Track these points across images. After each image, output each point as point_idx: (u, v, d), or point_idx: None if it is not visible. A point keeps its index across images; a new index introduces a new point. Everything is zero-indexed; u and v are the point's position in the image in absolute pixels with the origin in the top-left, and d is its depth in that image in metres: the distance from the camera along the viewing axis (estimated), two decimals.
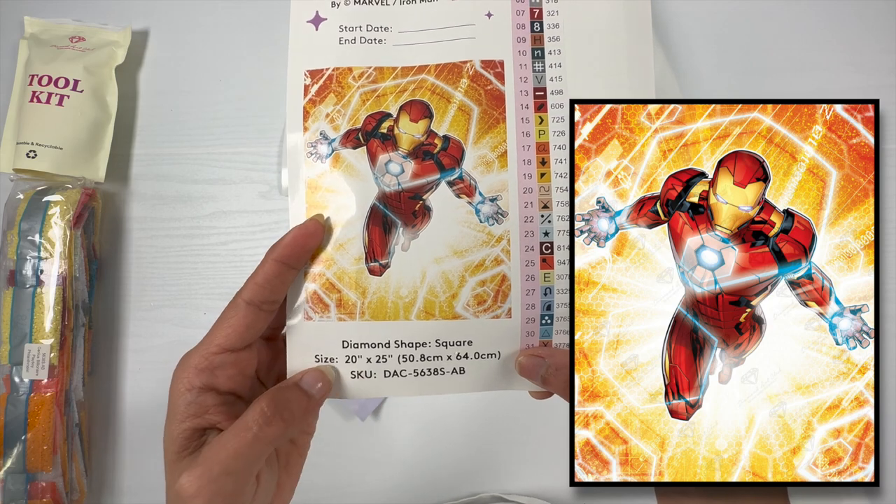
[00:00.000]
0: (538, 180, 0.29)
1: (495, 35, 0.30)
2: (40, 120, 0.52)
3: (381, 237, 0.30)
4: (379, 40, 0.31)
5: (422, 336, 0.29)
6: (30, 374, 0.48)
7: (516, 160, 0.29)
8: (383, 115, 0.30)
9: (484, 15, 0.30)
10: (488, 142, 0.30)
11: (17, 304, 0.49)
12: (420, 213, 0.30)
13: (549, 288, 0.29)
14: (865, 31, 0.57)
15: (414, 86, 0.30)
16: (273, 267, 0.29)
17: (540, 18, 0.30)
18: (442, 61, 0.30)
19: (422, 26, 0.31)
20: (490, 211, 0.29)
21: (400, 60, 0.30)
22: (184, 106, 0.57)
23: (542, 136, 0.30)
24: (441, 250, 0.29)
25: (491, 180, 0.29)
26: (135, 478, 0.54)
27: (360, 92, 0.30)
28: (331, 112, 0.30)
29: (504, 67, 0.30)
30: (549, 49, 0.30)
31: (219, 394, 0.28)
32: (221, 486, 0.26)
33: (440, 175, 0.30)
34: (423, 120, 0.30)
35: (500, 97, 0.30)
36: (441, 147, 0.30)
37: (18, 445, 0.47)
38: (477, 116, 0.30)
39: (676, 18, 0.57)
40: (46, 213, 0.50)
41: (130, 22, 0.57)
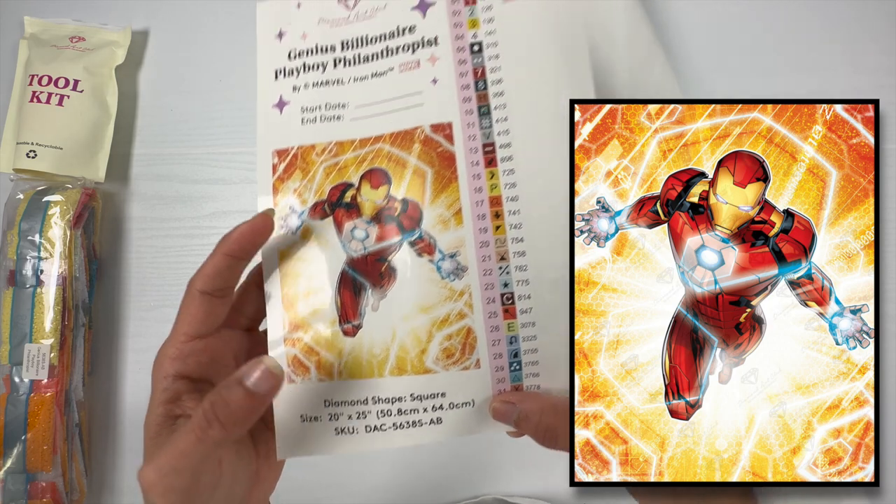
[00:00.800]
0: (493, 233, 0.30)
1: (442, 99, 0.32)
2: (40, 120, 0.52)
3: (352, 300, 0.31)
4: (337, 117, 0.33)
5: (397, 391, 0.30)
6: (30, 374, 0.48)
7: (471, 216, 0.31)
8: (346, 185, 0.32)
9: (430, 82, 0.32)
10: (443, 201, 0.31)
11: (17, 304, 0.49)
12: (386, 274, 0.31)
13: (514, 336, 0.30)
14: (865, 31, 0.57)
15: (372, 155, 0.32)
16: (222, 259, 0.30)
17: (483, 77, 0.31)
18: (395, 129, 0.32)
19: (375, 99, 0.33)
20: (451, 267, 0.31)
21: (357, 133, 0.32)
22: (184, 106, 0.57)
23: (494, 190, 0.31)
24: (408, 308, 0.31)
25: (449, 237, 0.31)
26: (134, 478, 0.54)
27: (324, 166, 0.32)
28: (298, 187, 0.33)
29: (452, 129, 0.31)
30: (495, 104, 0.31)
31: (192, 381, 0.29)
32: (172, 481, 0.26)
33: (402, 236, 0.31)
34: (382, 186, 0.32)
35: (450, 157, 0.31)
36: (401, 210, 0.31)
37: (18, 445, 0.47)
38: (431, 178, 0.31)
39: (676, 18, 0.57)
40: (46, 213, 0.50)
41: (130, 22, 0.57)
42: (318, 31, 0.34)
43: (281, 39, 0.35)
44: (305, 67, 0.34)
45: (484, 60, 0.32)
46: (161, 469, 0.26)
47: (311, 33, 0.34)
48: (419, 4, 0.33)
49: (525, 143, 0.31)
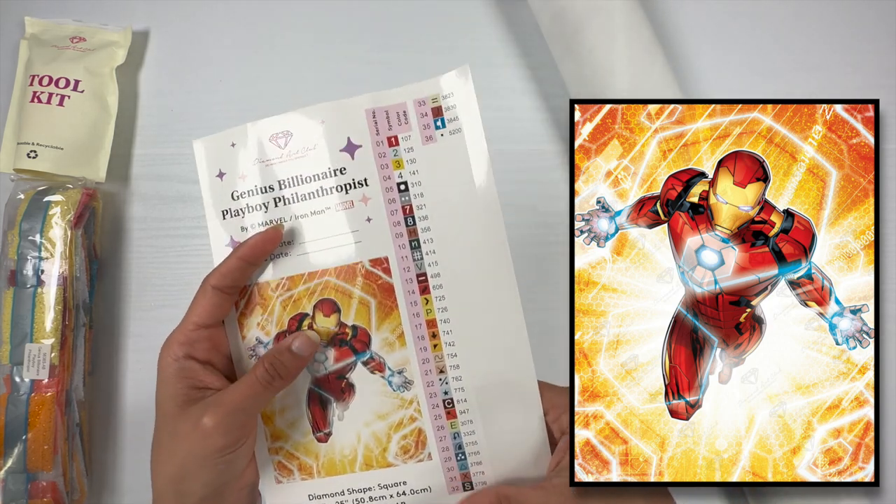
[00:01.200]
0: (432, 351, 0.36)
1: (377, 236, 0.36)
2: (41, 120, 0.52)
3: (320, 413, 0.37)
4: (285, 254, 0.36)
5: (366, 483, 0.37)
6: (30, 374, 0.48)
7: (412, 337, 0.36)
8: (302, 315, 0.36)
9: (364, 220, 0.36)
10: (387, 326, 0.36)
11: (17, 304, 0.49)
12: (346, 389, 0.37)
13: (457, 433, 0.36)
14: (865, 31, 0.57)
15: (321, 287, 0.36)
16: (236, 262, 0.35)
17: (411, 213, 0.35)
18: (339, 264, 0.36)
19: (317, 236, 0.36)
20: (399, 381, 0.36)
21: (305, 267, 0.36)
22: (184, 106, 0.57)
23: (430, 314, 0.36)
24: (368, 416, 0.37)
25: (395, 357, 0.36)
26: (135, 477, 0.54)
27: (280, 300, 0.36)
28: (260, 321, 0.37)
29: (389, 262, 0.36)
30: (423, 238, 0.35)
31: (198, 362, 0.35)
32: (235, 419, 0.33)
33: (355, 357, 0.37)
34: (333, 314, 0.36)
35: (389, 288, 0.36)
36: (352, 335, 0.36)
37: (19, 445, 0.47)
38: (374, 307, 0.36)
39: (676, 18, 0.57)
40: (47, 213, 0.50)
41: (131, 22, 0.57)
42: (256, 171, 0.37)
43: (222, 179, 0.37)
44: (249, 208, 0.37)
45: (410, 198, 0.36)
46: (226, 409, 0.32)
47: (249, 174, 0.37)
48: (347, 146, 0.36)
49: (452, 270, 0.35)
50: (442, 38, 0.58)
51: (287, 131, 0.37)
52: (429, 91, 0.35)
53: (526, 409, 0.35)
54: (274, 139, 0.37)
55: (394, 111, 0.36)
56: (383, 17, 0.58)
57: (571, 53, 0.49)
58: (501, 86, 0.57)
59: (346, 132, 0.36)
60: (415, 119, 0.35)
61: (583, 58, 0.48)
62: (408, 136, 0.35)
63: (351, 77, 0.57)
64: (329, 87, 0.57)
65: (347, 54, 0.57)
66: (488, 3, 0.58)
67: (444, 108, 0.35)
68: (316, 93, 0.57)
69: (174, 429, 0.34)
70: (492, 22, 0.58)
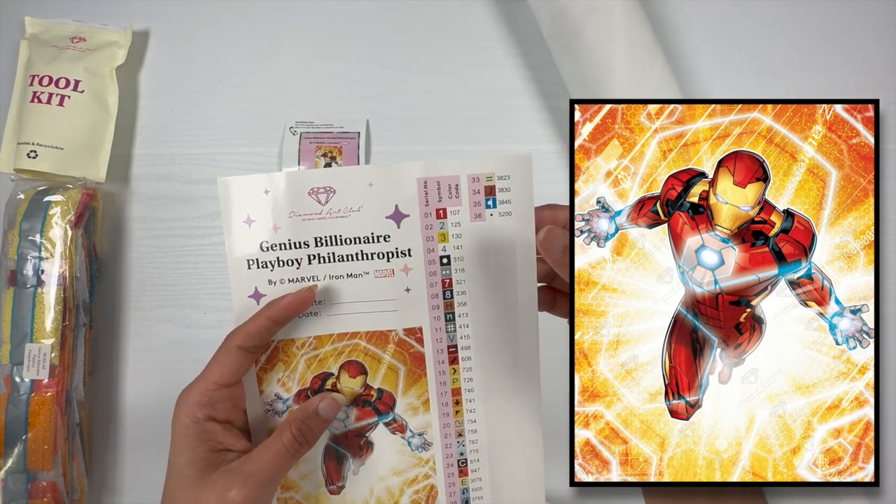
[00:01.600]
0: (454, 417, 0.37)
1: (414, 306, 0.36)
2: (41, 120, 0.52)
3: (335, 467, 0.37)
4: (315, 313, 0.35)
5: None
6: (30, 374, 0.48)
7: (436, 404, 0.37)
8: (326, 374, 0.36)
9: (403, 290, 0.35)
10: (414, 392, 0.37)
11: (17, 304, 0.49)
12: (365, 446, 0.37)
13: (466, 489, 0.38)
14: (865, 31, 0.57)
15: (349, 349, 0.36)
16: (265, 322, 0.34)
17: (450, 287, 0.36)
18: (371, 329, 0.36)
19: (350, 299, 0.35)
20: (419, 443, 0.37)
21: (335, 328, 0.36)
22: (184, 106, 0.57)
23: (456, 384, 0.37)
24: (383, 472, 0.37)
25: (418, 420, 0.37)
26: (135, 477, 0.54)
27: (304, 358, 0.36)
28: (281, 377, 0.36)
29: (423, 332, 0.36)
30: (459, 312, 0.36)
31: (218, 423, 0.34)
32: (262, 492, 0.32)
33: (378, 418, 0.37)
34: (359, 376, 0.36)
35: (420, 357, 0.36)
36: (377, 397, 0.37)
37: (19, 445, 0.47)
38: (404, 374, 0.36)
39: (677, 18, 0.57)
40: (47, 213, 0.50)
41: (131, 22, 0.57)
42: (290, 224, 0.34)
43: (250, 226, 0.35)
44: (279, 262, 0.35)
45: (451, 272, 0.35)
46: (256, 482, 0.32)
47: (283, 226, 0.34)
48: (394, 214, 0.35)
49: (483, 343, 0.36)
50: (442, 38, 0.58)
51: (330, 187, 0.34)
52: (485, 168, 0.34)
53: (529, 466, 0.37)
54: (314, 193, 0.34)
55: (446, 183, 0.34)
56: (383, 17, 0.58)
57: (571, 53, 0.49)
58: (501, 86, 0.57)
59: (394, 199, 0.34)
60: (466, 194, 0.34)
61: (583, 58, 0.48)
62: (457, 211, 0.35)
63: (351, 77, 0.57)
64: (329, 86, 0.57)
65: (347, 54, 0.58)
66: (488, 3, 0.58)
67: (498, 188, 0.34)
68: (315, 92, 0.57)
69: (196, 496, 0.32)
70: (492, 22, 0.58)
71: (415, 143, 0.57)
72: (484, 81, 0.57)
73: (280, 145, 0.56)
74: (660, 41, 0.49)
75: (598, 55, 0.47)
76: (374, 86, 0.57)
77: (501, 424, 0.37)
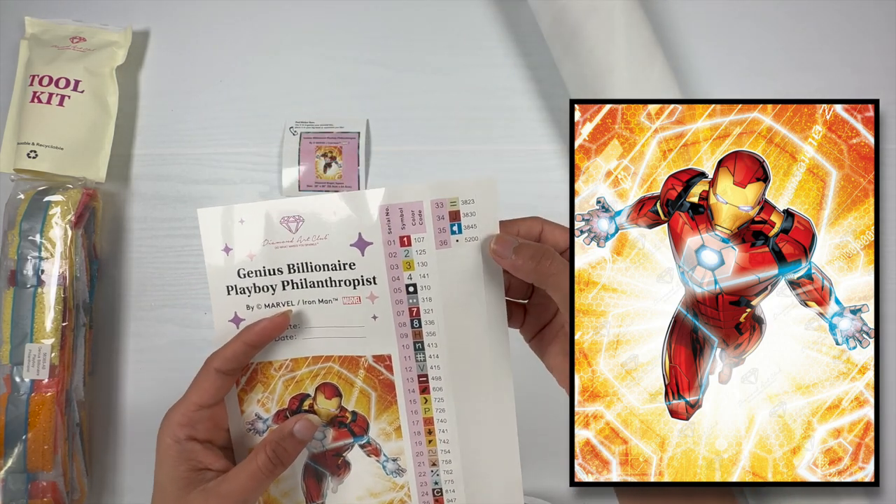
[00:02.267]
0: (427, 445, 0.37)
1: (382, 333, 0.36)
2: (41, 120, 0.52)
3: (315, 485, 0.38)
4: (290, 336, 0.36)
5: None
6: (30, 374, 0.48)
7: (408, 432, 0.37)
8: (303, 395, 0.37)
9: (370, 317, 0.36)
10: (385, 418, 0.37)
11: (17, 304, 0.49)
12: (342, 466, 0.38)
13: None
14: (865, 31, 0.57)
15: (324, 371, 0.37)
16: (241, 347, 0.35)
17: (418, 316, 0.35)
18: (343, 353, 0.36)
19: (323, 323, 0.36)
20: (393, 468, 0.38)
21: (310, 351, 0.37)
22: (184, 106, 0.57)
23: (427, 413, 0.37)
24: (361, 492, 0.38)
25: (391, 446, 0.37)
26: (135, 477, 0.54)
27: (282, 379, 0.37)
28: (261, 398, 0.37)
29: (392, 360, 0.36)
30: (428, 342, 0.36)
31: (199, 442, 0.35)
32: None
33: (353, 440, 0.38)
34: (334, 398, 0.37)
35: (390, 385, 0.37)
36: (351, 419, 0.37)
37: (19, 445, 0.47)
38: (375, 399, 0.37)
39: (677, 18, 0.57)
40: (47, 213, 0.50)
41: (131, 22, 0.57)
42: (264, 252, 0.35)
43: (228, 254, 0.36)
44: (256, 288, 0.36)
45: (419, 301, 0.35)
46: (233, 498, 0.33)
47: (258, 254, 0.36)
48: (357, 242, 0.35)
49: (454, 373, 0.36)
50: (442, 38, 0.58)
51: (298, 216, 0.35)
52: (448, 193, 0.34)
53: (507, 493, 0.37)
54: (285, 222, 0.35)
55: (409, 209, 0.34)
56: (383, 17, 0.58)
57: (571, 53, 0.49)
58: (501, 86, 0.57)
59: (357, 227, 0.35)
60: (430, 221, 0.34)
61: (583, 58, 0.48)
62: (421, 238, 0.34)
63: (350, 77, 0.57)
64: (328, 86, 0.57)
65: (347, 54, 0.58)
66: (488, 3, 0.58)
67: (463, 213, 0.34)
68: (315, 92, 0.57)
69: None
70: (492, 22, 0.58)
71: (415, 143, 0.57)
72: (484, 81, 0.57)
73: (280, 145, 0.56)
74: (660, 41, 0.49)
75: (598, 55, 0.47)
76: (374, 86, 0.57)
77: (477, 453, 0.37)
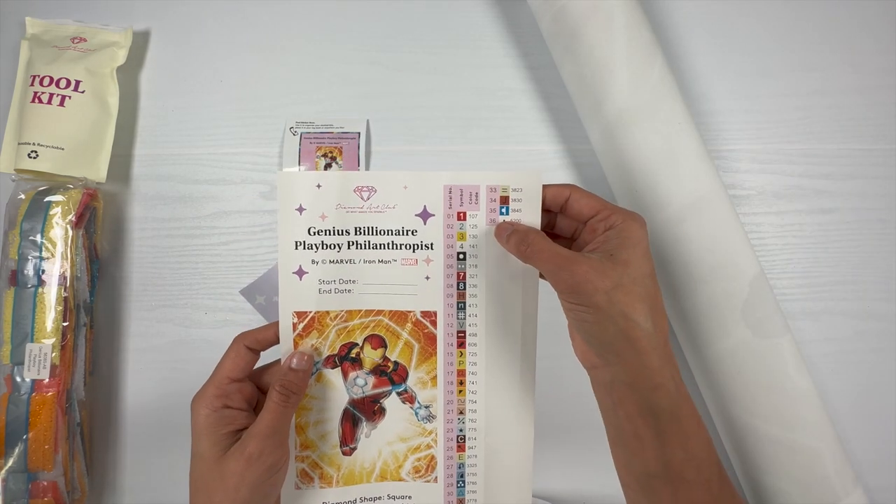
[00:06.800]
0: (457, 395, 0.43)
1: (431, 293, 0.41)
2: (42, 120, 0.52)
3: (350, 429, 0.43)
4: (348, 290, 0.41)
5: (378, 492, 0.43)
6: (31, 374, 0.48)
7: (443, 382, 0.43)
8: (352, 344, 0.42)
9: (423, 278, 0.41)
10: (424, 368, 0.43)
11: (18, 304, 0.49)
12: (378, 412, 0.43)
13: (462, 464, 0.43)
14: (865, 31, 0.57)
15: (374, 324, 0.42)
16: (272, 334, 0.41)
17: (464, 279, 0.41)
18: (393, 308, 0.42)
19: (379, 281, 0.41)
20: (425, 414, 0.43)
21: (363, 304, 0.42)
22: (185, 106, 0.57)
23: (461, 365, 0.42)
24: (392, 437, 0.43)
25: (426, 394, 0.43)
26: (135, 477, 0.54)
27: (336, 328, 0.42)
28: (315, 343, 0.42)
29: (437, 317, 0.42)
30: (469, 302, 0.41)
31: (235, 409, 0.39)
32: (273, 440, 0.37)
33: (392, 387, 0.43)
34: (380, 348, 0.42)
35: (433, 338, 0.42)
36: (392, 368, 0.43)
37: (20, 445, 0.48)
38: (417, 351, 0.42)
39: (676, 18, 0.57)
40: (48, 213, 0.50)
41: (132, 23, 0.57)
42: (336, 214, 0.40)
43: (301, 213, 0.40)
44: (323, 245, 0.41)
45: (466, 267, 0.41)
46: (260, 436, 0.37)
47: (330, 215, 0.40)
48: (422, 213, 0.41)
49: (488, 332, 0.42)
50: (442, 38, 0.58)
51: (372, 187, 0.40)
52: (501, 181, 0.40)
53: (520, 447, 0.42)
54: (359, 190, 0.40)
55: (468, 191, 0.40)
56: (383, 17, 0.58)
57: (571, 53, 0.49)
58: (501, 86, 0.57)
59: (423, 200, 0.40)
60: (484, 202, 0.40)
61: (583, 58, 0.48)
62: (475, 215, 0.40)
63: (350, 77, 0.57)
64: (328, 86, 0.57)
65: (346, 55, 0.58)
66: (488, 3, 0.58)
67: (512, 199, 0.40)
68: (315, 92, 0.57)
69: (222, 470, 0.37)
70: (492, 22, 0.58)
71: (415, 143, 0.57)
72: (484, 81, 0.57)
73: (280, 145, 0.56)
74: (660, 41, 0.49)
75: (598, 55, 0.47)
76: (374, 86, 0.57)
77: (499, 407, 0.42)
